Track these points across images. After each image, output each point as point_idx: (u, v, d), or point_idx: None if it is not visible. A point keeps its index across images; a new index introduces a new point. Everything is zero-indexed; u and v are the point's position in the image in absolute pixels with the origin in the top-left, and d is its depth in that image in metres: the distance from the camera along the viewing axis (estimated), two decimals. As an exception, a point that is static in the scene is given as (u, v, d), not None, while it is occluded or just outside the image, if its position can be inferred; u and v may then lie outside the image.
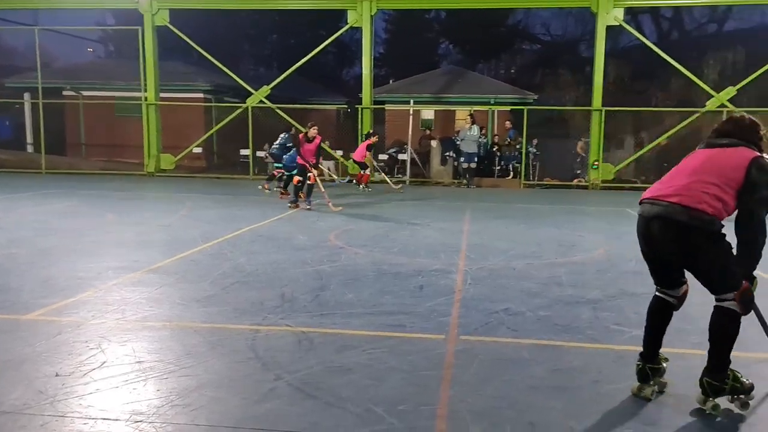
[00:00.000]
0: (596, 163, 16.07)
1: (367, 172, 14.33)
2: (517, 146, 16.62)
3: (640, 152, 17.44)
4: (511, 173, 16.76)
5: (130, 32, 18.04)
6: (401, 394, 3.20)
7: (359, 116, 16.91)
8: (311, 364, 3.60)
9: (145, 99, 17.62)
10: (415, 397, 3.17)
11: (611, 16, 15.73)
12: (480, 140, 15.92)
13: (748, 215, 2.88)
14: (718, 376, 2.97)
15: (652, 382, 3.25)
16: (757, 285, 3.02)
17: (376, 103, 18.23)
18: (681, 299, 3.21)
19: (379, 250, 7.18)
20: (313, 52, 17.70)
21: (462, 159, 15.82)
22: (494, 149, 17.05)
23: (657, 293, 3.27)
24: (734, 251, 2.95)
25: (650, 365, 3.25)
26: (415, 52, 31.08)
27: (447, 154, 16.74)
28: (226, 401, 3.10)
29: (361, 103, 17.12)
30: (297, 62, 17.62)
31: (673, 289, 3.20)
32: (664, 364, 3.30)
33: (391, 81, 25.60)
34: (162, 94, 18.19)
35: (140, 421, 2.87)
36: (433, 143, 17.16)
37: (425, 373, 3.49)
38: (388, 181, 14.92)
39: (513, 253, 7.10)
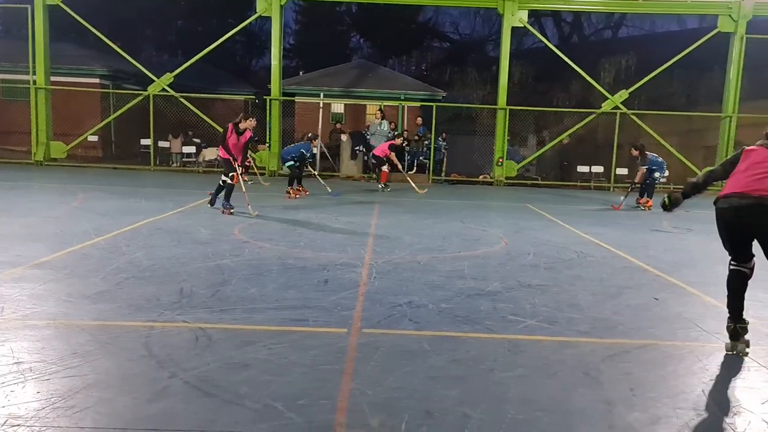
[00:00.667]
0: (500, 160, 16.65)
1: (386, 169, 13.90)
2: (426, 142, 16.93)
3: (542, 150, 18.25)
4: (415, 168, 17.04)
5: (18, 10, 16.72)
6: (301, 389, 3.16)
7: (267, 107, 16.60)
8: (209, 360, 3.49)
9: (34, 82, 16.44)
10: (316, 392, 3.14)
11: (516, 17, 16.32)
12: (389, 135, 16.07)
13: None
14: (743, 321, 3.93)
15: (741, 339, 3.91)
16: None
17: (285, 94, 17.97)
18: (752, 270, 4.01)
19: (285, 244, 7.08)
20: (220, 40, 17.19)
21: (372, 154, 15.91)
22: (404, 145, 17.26)
23: (735, 268, 4.02)
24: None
25: (739, 324, 3.94)
26: (325, 44, 30.90)
27: (357, 148, 16.77)
28: (115, 402, 2.94)
29: (269, 94, 16.81)
30: (203, 50, 17.04)
31: (747, 262, 4.00)
32: (747, 324, 3.96)
33: (301, 73, 25.31)
34: (53, 78, 17.03)
35: (18, 425, 2.67)
36: (344, 137, 17.14)
37: (326, 367, 3.47)
38: (411, 183, 14.12)
39: (419, 247, 7.21)
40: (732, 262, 4.08)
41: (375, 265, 6.10)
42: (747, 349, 3.92)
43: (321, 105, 17.82)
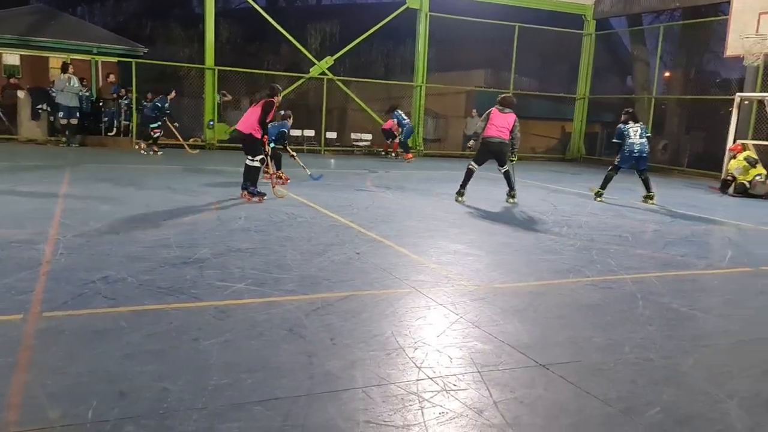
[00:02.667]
0: (211, 122, 16.14)
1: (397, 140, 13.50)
2: (126, 101, 15.51)
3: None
4: (114, 131, 15.60)
5: None
6: (-44, 394, 2.61)
7: None
8: None
9: None
10: (-23, 394, 2.63)
11: (221, -25, 15.75)
12: (81, 93, 14.30)
13: None
14: None
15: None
16: None
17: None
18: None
19: (-58, 221, 5.82)
20: None
21: (60, 114, 13.99)
22: (100, 104, 15.58)
23: (471, 168, 5.27)
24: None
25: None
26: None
27: (39, 107, 14.56)
28: None
29: None
30: None
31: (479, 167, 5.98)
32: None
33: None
34: None
35: None
36: (21, 94, 14.69)
37: (-7, 362, 2.94)
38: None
39: (118, 217, 6.59)
40: (472, 164, 8.47)
41: (63, 240, 5.38)
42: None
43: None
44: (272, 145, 10.61)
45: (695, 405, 2.93)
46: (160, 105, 13.27)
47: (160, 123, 13.31)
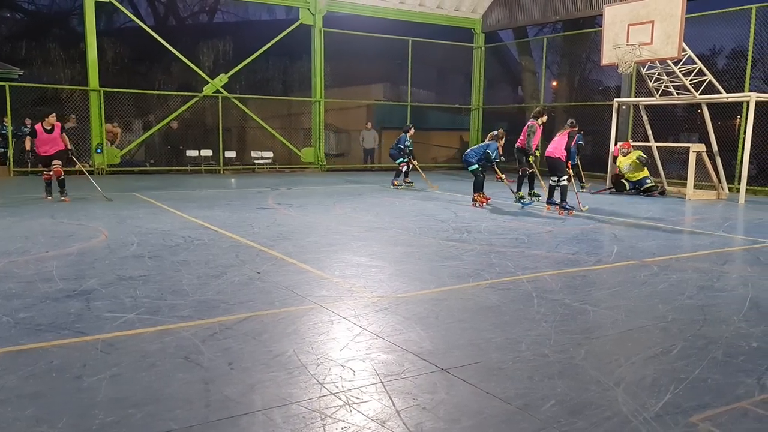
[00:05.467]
0: (99, 147, 15.33)
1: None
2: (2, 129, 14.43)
3: (146, 135, 17.47)
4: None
5: None
6: None
7: None
8: None
9: None
10: None
11: (101, -8, 15.07)
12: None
13: None
14: None
15: None
16: None
17: None
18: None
19: None
20: None
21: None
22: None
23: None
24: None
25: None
26: None
27: None
28: None
29: None
30: None
31: None
32: None
33: None
34: None
35: None
36: None
37: None
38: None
39: (-7, 251, 6.07)
40: None
41: (-74, 281, 4.88)
42: None
43: None
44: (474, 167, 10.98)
45: (587, 394, 3.05)
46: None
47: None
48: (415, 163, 14.07)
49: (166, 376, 3.20)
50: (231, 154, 18.11)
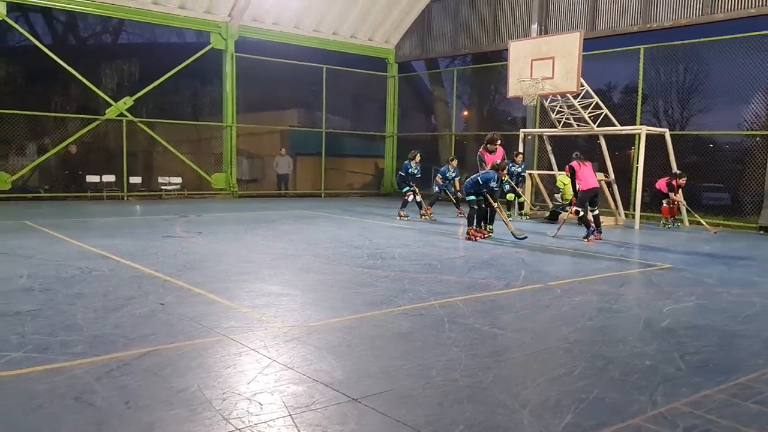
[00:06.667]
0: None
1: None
2: None
3: (40, 159, 16.46)
4: None
5: None
6: None
7: None
8: None
9: None
10: None
11: (-6, 8, 14.20)
12: None
13: None
14: None
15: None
16: None
17: None
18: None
19: None
20: None
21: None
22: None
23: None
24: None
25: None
26: None
27: None
28: None
29: None
30: None
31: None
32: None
33: None
34: None
35: None
36: None
37: None
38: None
39: None
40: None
41: None
42: None
43: None
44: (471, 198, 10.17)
45: (495, 418, 3.09)
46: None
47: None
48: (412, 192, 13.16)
49: (55, 418, 2.96)
50: (136, 179, 17.36)
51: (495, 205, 10.29)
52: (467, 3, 19.23)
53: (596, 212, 10.74)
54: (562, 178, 13.49)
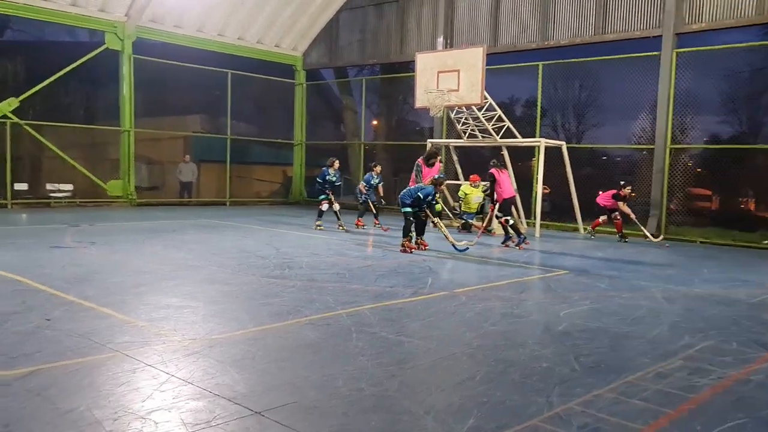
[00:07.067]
0: None
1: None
2: None
3: None
4: None
5: None
6: None
7: None
8: None
9: None
10: None
11: None
12: None
13: None
14: None
15: None
16: None
17: None
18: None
19: None
20: None
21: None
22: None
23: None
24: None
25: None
26: None
27: None
28: None
29: None
30: None
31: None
32: None
33: None
34: None
35: None
36: None
37: None
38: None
39: None
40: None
41: None
42: None
43: None
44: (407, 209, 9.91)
45: (399, 425, 3.09)
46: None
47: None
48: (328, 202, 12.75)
49: None
50: (22, 186, 16.13)
51: (435, 219, 10.28)
52: (375, 13, 19.45)
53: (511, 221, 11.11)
54: (465, 188, 13.90)
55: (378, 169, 13.89)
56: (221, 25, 19.02)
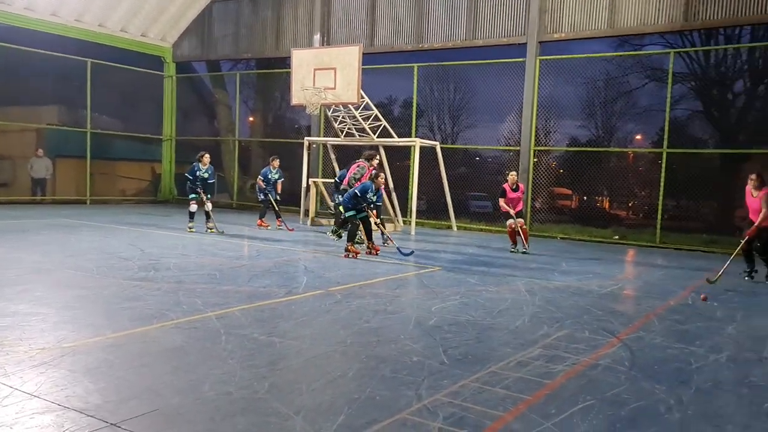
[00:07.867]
0: None
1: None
2: None
3: None
4: None
5: None
6: None
7: None
8: None
9: None
10: None
11: None
12: None
13: None
14: None
15: None
16: None
17: None
18: None
19: None
20: None
21: None
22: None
23: None
24: None
25: None
26: None
27: None
28: None
29: None
30: None
31: None
32: None
33: None
34: None
35: None
36: None
37: None
38: None
39: None
40: None
41: None
42: None
43: None
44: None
45: (268, 427, 3.01)
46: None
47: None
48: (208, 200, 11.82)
49: None
50: None
51: (376, 220, 9.86)
52: (249, 6, 18.98)
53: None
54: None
55: (276, 162, 13.13)
56: (79, 10, 17.63)
